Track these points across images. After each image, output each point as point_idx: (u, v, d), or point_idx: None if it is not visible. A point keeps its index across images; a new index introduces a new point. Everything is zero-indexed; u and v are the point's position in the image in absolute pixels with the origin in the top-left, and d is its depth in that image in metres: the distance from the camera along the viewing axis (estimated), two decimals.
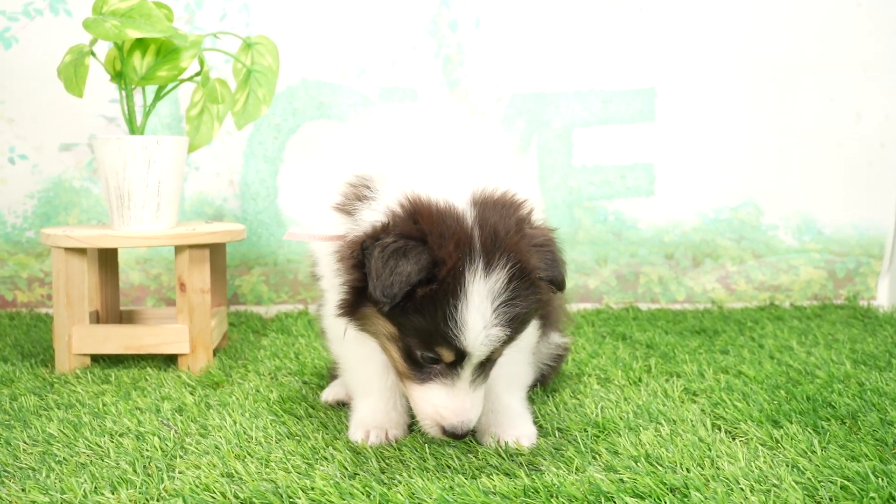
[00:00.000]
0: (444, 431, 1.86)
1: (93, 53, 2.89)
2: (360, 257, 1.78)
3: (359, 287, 1.81)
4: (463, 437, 1.87)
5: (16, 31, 3.78)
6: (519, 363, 2.17)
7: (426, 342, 1.79)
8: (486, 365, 1.86)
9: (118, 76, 2.93)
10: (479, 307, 1.72)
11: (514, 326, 1.78)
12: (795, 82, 3.95)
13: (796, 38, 3.93)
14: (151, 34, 2.75)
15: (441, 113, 2.30)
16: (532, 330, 2.09)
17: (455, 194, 1.80)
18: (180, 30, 2.88)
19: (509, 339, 1.81)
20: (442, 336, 1.75)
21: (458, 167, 1.89)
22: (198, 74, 3.02)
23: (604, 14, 3.91)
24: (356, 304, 1.85)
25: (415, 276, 1.70)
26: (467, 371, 1.83)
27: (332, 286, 2.01)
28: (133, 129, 2.96)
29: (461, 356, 1.79)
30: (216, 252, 3.20)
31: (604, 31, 3.92)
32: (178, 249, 2.89)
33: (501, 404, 2.13)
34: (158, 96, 3.01)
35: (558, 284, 1.85)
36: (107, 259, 3.20)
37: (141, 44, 2.89)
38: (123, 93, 2.95)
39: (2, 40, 3.79)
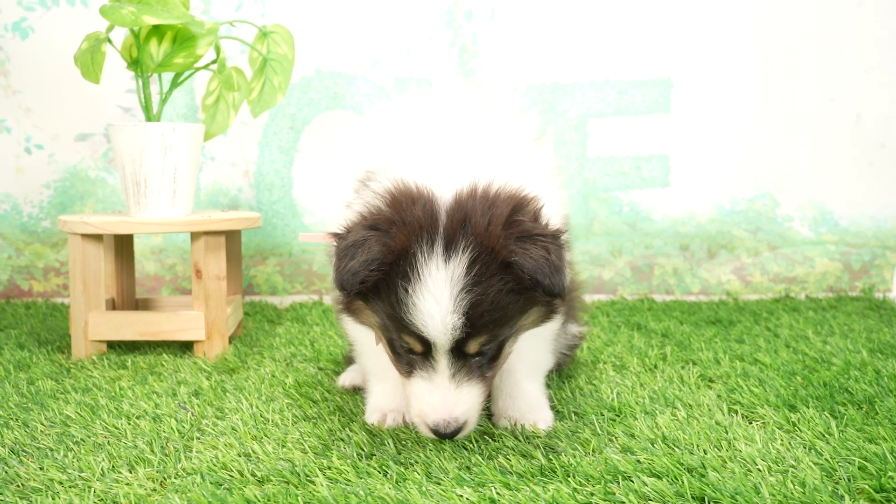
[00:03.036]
0: (430, 429, 1.81)
1: (109, 40, 2.90)
2: None
3: None
4: (449, 437, 1.81)
5: (32, 21, 3.80)
6: (540, 350, 2.16)
7: (395, 329, 1.77)
8: (469, 359, 1.78)
9: (135, 63, 2.94)
10: (433, 292, 1.68)
11: (479, 315, 1.70)
12: (808, 74, 3.93)
13: (807, 27, 3.91)
14: (168, 21, 2.76)
15: (455, 103, 2.25)
16: (557, 319, 2.04)
17: (442, 183, 1.77)
18: (197, 17, 2.89)
19: (478, 330, 1.72)
20: (400, 321, 1.72)
21: (460, 158, 1.86)
22: (214, 62, 3.03)
23: (620, 4, 3.90)
24: (349, 298, 1.84)
25: (364, 266, 1.69)
26: (442, 363, 1.77)
27: None
28: (149, 116, 2.97)
29: (427, 345, 1.74)
30: (232, 240, 3.21)
31: (620, 21, 3.91)
32: (194, 236, 2.90)
33: (520, 390, 2.12)
34: (175, 84, 3.02)
35: (543, 285, 1.71)
36: (122, 247, 3.21)
37: (157, 31, 2.90)
38: (140, 80, 2.96)
39: (18, 30, 3.81)
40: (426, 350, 1.76)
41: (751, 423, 2.08)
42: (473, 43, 3.90)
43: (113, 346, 3.00)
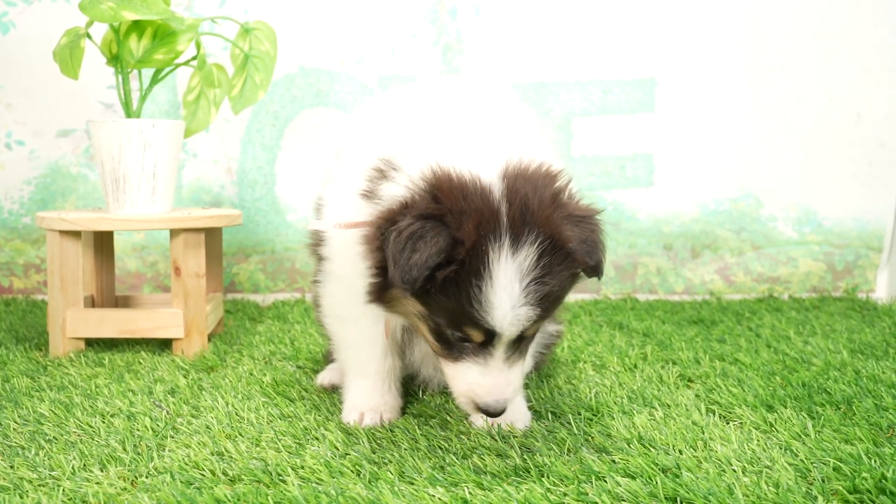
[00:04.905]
0: (479, 408, 1.82)
1: (89, 36, 2.88)
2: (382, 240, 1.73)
3: (384, 269, 1.75)
4: (498, 415, 1.83)
5: (13, 16, 3.77)
6: None
7: (454, 322, 1.75)
8: (520, 343, 1.81)
9: (114, 59, 2.92)
10: (505, 287, 1.66)
11: (546, 305, 1.72)
12: (795, 74, 3.93)
13: (797, 26, 3.91)
14: (148, 16, 2.74)
15: (468, 87, 2.22)
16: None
17: (484, 166, 1.74)
18: (178, 13, 2.88)
19: (541, 318, 1.75)
20: (468, 317, 1.70)
21: (489, 138, 1.83)
22: (194, 58, 3.01)
23: (604, 3, 3.89)
24: (383, 286, 1.79)
25: (433, 260, 1.64)
26: (499, 350, 1.78)
27: (345, 269, 1.98)
28: (129, 112, 2.95)
29: (491, 336, 1.74)
30: (212, 238, 3.19)
31: (604, 20, 3.91)
32: (174, 233, 2.88)
33: None
34: (155, 80, 3.00)
35: (594, 267, 1.74)
36: (102, 244, 3.19)
37: (137, 26, 2.88)
38: (119, 76, 2.94)
39: None
40: (486, 340, 1.76)
41: (728, 423, 2.07)
42: (458, 41, 3.89)
43: (91, 343, 2.98)
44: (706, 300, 3.88)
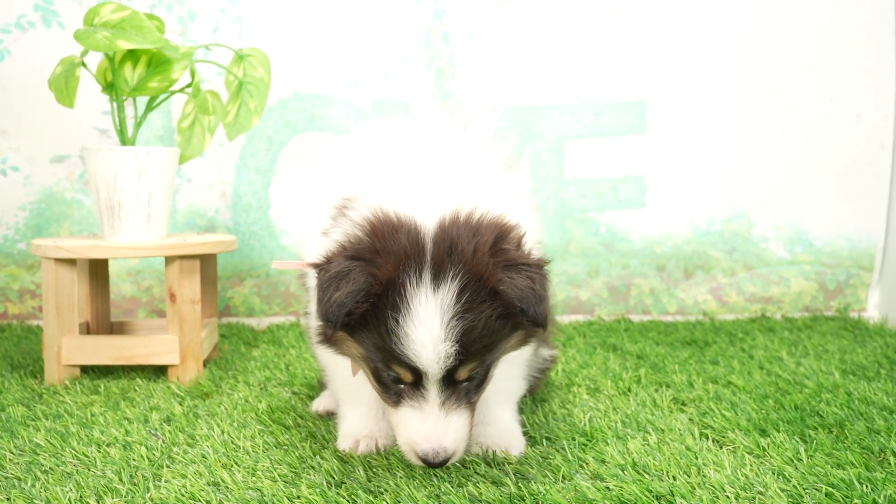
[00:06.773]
0: (419, 458, 1.81)
1: (84, 65, 2.89)
2: None
3: None
4: (439, 466, 1.80)
5: (8, 44, 3.79)
6: (513, 377, 2.17)
7: (383, 360, 1.76)
8: (456, 387, 1.79)
9: (109, 87, 2.94)
10: (424, 321, 1.67)
11: (471, 344, 1.71)
12: (786, 95, 3.96)
13: (788, 48, 3.95)
14: (142, 45, 2.76)
15: (431, 128, 2.24)
16: (528, 348, 2.06)
17: (424, 211, 1.77)
18: (172, 41, 2.90)
19: (469, 359, 1.73)
20: (391, 353, 1.71)
21: (440, 185, 1.85)
22: (189, 86, 3.03)
23: (595, 27, 3.93)
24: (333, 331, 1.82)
25: (350, 298, 1.68)
26: (432, 392, 1.77)
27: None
28: (124, 140, 2.97)
29: (418, 374, 1.74)
30: (207, 263, 3.21)
31: (595, 43, 3.94)
32: (169, 260, 2.89)
33: (493, 417, 2.13)
34: (149, 107, 3.02)
35: (529, 315, 1.74)
36: (97, 270, 3.20)
37: (132, 55, 2.90)
38: (115, 104, 2.96)
39: None
40: (416, 379, 1.75)
41: (721, 447, 2.09)
42: (450, 65, 3.92)
43: (87, 370, 2.99)
44: (699, 321, 3.90)
